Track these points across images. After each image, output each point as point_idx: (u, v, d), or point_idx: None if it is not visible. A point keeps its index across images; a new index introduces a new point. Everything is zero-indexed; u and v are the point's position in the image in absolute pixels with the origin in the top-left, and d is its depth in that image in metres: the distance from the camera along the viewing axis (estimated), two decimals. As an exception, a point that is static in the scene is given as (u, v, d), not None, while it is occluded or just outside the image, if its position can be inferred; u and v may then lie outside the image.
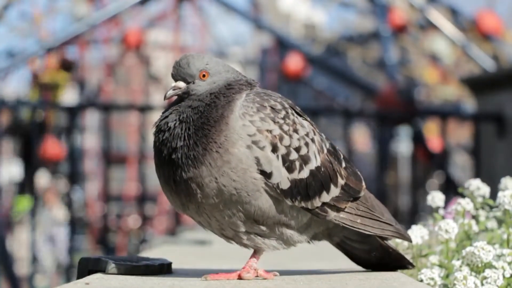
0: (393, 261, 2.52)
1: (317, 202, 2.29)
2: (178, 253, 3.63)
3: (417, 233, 2.63)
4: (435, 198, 2.78)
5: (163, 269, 2.43)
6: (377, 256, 2.50)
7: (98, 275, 2.32)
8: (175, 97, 2.34)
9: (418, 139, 11.47)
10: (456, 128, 15.27)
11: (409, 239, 2.52)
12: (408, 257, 2.57)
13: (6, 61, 14.19)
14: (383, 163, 11.72)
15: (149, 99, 17.53)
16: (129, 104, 13.30)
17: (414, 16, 14.11)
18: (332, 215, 2.33)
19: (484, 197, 2.80)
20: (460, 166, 18.58)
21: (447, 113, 11.27)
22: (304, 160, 2.27)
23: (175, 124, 2.25)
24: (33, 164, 10.78)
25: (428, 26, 13.73)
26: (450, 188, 10.61)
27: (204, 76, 2.31)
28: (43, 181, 13.08)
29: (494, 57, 12.81)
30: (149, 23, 16.92)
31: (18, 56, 14.01)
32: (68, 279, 10.08)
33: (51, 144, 12.70)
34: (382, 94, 12.04)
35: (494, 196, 2.72)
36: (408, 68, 16.47)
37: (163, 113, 2.31)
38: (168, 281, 2.25)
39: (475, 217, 2.80)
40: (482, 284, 2.36)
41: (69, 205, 10.57)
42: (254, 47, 22.70)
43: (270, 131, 2.24)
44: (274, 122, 2.25)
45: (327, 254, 3.13)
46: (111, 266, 2.35)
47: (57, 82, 13.03)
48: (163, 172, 2.26)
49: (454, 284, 2.33)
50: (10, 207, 9.94)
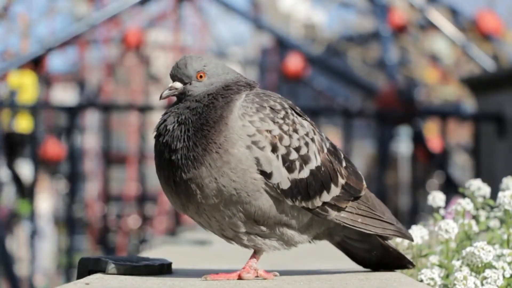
0: (394, 261, 2.52)
1: (317, 202, 2.29)
2: (178, 253, 3.62)
3: (417, 233, 2.63)
4: (436, 198, 2.78)
5: (163, 269, 2.43)
6: (378, 256, 2.50)
7: (98, 275, 2.32)
8: (174, 98, 2.34)
9: (418, 139, 11.47)
10: (456, 128, 15.27)
11: (410, 238, 2.51)
12: (408, 257, 2.57)
13: (5, 61, 14.19)
14: (383, 163, 11.72)
15: (149, 99, 17.53)
16: (129, 104, 13.30)
17: (414, 16, 14.11)
18: (333, 214, 2.33)
19: (484, 197, 2.79)
20: (460, 166, 18.58)
21: (447, 113, 11.28)
22: (304, 160, 2.27)
23: (174, 126, 2.25)
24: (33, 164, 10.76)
25: (428, 26, 13.72)
26: (450, 188, 10.60)
27: (201, 77, 2.31)
28: (27, 173, 13.05)
29: (494, 57, 12.81)
30: (149, 23, 16.93)
31: (18, 56, 14.01)
32: (68, 279, 10.08)
33: (52, 145, 12.70)
34: (382, 94, 12.03)
35: (494, 196, 2.72)
36: (408, 68, 16.48)
37: (163, 115, 2.31)
38: (168, 281, 2.25)
39: (475, 217, 2.79)
40: (482, 284, 2.36)
41: (69, 205, 10.57)
42: (254, 47, 22.70)
43: (269, 131, 2.23)
44: (274, 122, 2.25)
45: (327, 254, 3.13)
46: (111, 266, 2.35)
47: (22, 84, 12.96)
48: (163, 173, 2.26)
49: (454, 284, 2.33)
50: (12, 211, 9.95)
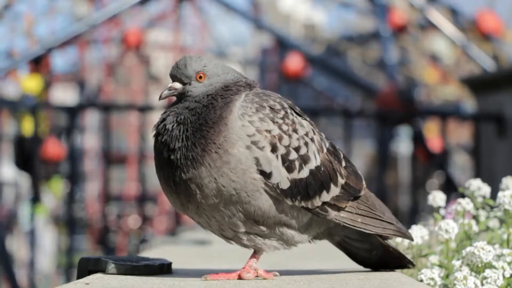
0: (394, 260, 2.52)
1: (317, 202, 2.29)
2: (178, 253, 3.62)
3: (417, 233, 2.63)
4: (436, 198, 2.78)
5: (163, 269, 2.43)
6: (378, 256, 2.50)
7: (98, 275, 2.32)
8: (173, 98, 2.34)
9: (418, 139, 11.46)
10: (456, 128, 15.27)
11: (410, 238, 2.51)
12: (409, 256, 2.57)
13: (6, 61, 14.19)
14: (383, 163, 11.71)
15: (149, 99, 17.53)
16: (129, 104, 13.30)
17: (414, 16, 14.11)
18: (332, 214, 2.33)
19: (484, 197, 2.79)
20: (460, 166, 18.58)
21: (447, 113, 11.28)
22: (304, 159, 2.27)
23: (173, 126, 2.25)
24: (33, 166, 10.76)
25: (428, 26, 13.72)
26: (450, 188, 10.60)
27: (201, 77, 2.31)
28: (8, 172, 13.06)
29: (494, 57, 12.80)
30: (149, 23, 16.92)
31: (15, 56, 14.01)
32: (68, 279, 10.08)
33: (52, 144, 12.70)
34: (382, 94, 12.02)
35: (494, 196, 2.72)
36: (408, 68, 16.48)
37: (162, 115, 2.31)
38: (168, 281, 2.25)
39: (475, 217, 2.79)
40: (482, 284, 2.36)
41: (69, 205, 10.56)
42: (254, 47, 22.69)
43: (269, 131, 2.23)
44: (273, 122, 2.25)
45: (327, 254, 3.13)
46: (111, 266, 2.35)
47: (36, 87, 12.99)
48: (163, 173, 2.26)
49: (454, 284, 2.33)
50: (28, 214, 9.98)
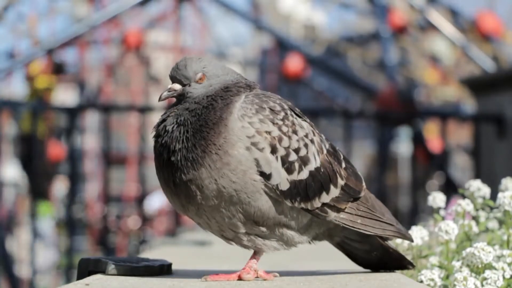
0: (394, 261, 2.52)
1: (317, 203, 2.29)
2: (178, 254, 3.62)
3: (417, 234, 2.63)
4: (436, 198, 2.78)
5: (163, 270, 2.43)
6: (378, 256, 2.49)
7: (98, 276, 2.33)
8: (173, 99, 2.34)
9: (418, 139, 11.47)
10: (456, 129, 15.26)
11: (410, 239, 2.51)
12: (408, 257, 2.57)
13: (6, 62, 14.19)
14: (383, 163, 11.72)
15: (149, 100, 17.52)
16: (129, 105, 13.30)
17: (414, 17, 14.11)
18: (332, 215, 2.33)
19: (484, 198, 2.79)
20: (460, 167, 18.58)
21: (447, 114, 11.27)
22: (304, 161, 2.27)
23: (173, 127, 2.25)
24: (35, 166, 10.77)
25: (428, 27, 13.72)
26: (450, 189, 10.60)
27: (200, 79, 2.31)
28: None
29: (494, 58, 12.81)
30: (149, 24, 16.92)
31: (17, 57, 14.02)
32: (68, 280, 10.08)
33: (52, 145, 12.71)
34: (382, 95, 12.03)
35: (494, 197, 2.72)
36: (408, 69, 16.47)
37: (161, 116, 2.31)
38: (168, 282, 2.25)
39: (475, 218, 2.79)
40: (482, 285, 2.36)
41: (69, 206, 10.57)
42: (254, 48, 22.69)
43: (269, 133, 2.23)
44: (273, 123, 2.25)
45: (327, 254, 3.13)
46: (111, 267, 2.35)
47: (49, 86, 13.03)
48: (163, 174, 2.26)
49: (454, 285, 2.33)
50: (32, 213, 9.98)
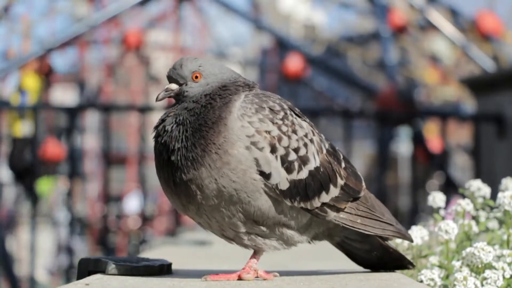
0: (394, 261, 2.52)
1: (316, 203, 2.29)
2: (178, 254, 3.62)
3: (417, 233, 2.63)
4: (436, 198, 2.78)
5: (163, 269, 2.43)
6: (378, 256, 2.50)
7: (98, 276, 2.33)
8: (173, 99, 2.34)
9: (418, 139, 11.47)
10: (456, 129, 15.26)
11: (410, 239, 2.51)
12: (408, 257, 2.57)
13: (5, 62, 14.19)
14: (383, 163, 11.71)
15: (149, 100, 17.51)
16: (129, 105, 13.29)
17: (414, 16, 14.10)
18: (331, 215, 2.33)
19: (484, 198, 2.79)
20: (460, 166, 18.58)
21: (447, 114, 11.29)
22: (303, 160, 2.27)
23: (172, 127, 2.25)
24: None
25: (428, 26, 13.71)
26: (450, 188, 10.61)
27: (196, 77, 2.31)
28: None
29: (494, 57, 12.80)
30: (149, 24, 16.92)
31: (17, 57, 14.02)
32: (68, 280, 10.08)
33: (52, 145, 12.71)
34: (382, 94, 12.03)
35: (494, 197, 2.72)
36: (408, 69, 16.47)
37: (161, 116, 2.32)
38: (168, 281, 2.25)
39: (475, 218, 2.79)
40: (482, 285, 2.36)
41: (69, 206, 10.57)
42: (254, 48, 22.69)
43: (268, 132, 2.24)
44: (273, 123, 2.25)
45: (327, 254, 3.13)
46: (111, 266, 2.35)
47: (36, 87, 13.01)
48: (163, 174, 2.26)
49: (454, 285, 2.33)
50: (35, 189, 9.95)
